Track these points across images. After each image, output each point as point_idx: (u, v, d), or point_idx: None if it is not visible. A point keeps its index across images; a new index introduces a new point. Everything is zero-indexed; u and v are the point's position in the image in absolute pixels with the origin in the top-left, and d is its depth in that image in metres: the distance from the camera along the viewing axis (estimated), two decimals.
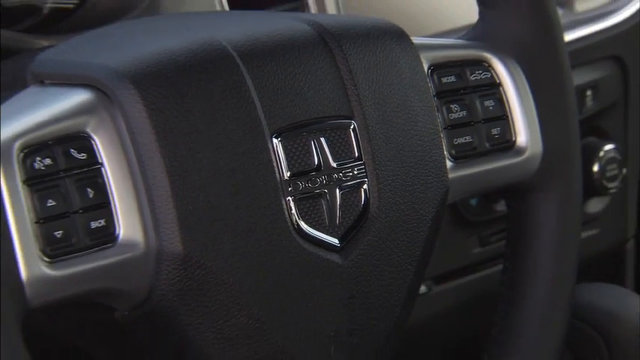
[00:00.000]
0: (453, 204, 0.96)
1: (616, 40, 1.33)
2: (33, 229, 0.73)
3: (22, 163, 0.73)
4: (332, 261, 0.83)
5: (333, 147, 0.84)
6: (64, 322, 0.85)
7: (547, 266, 0.98)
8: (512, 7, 0.96)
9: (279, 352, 0.82)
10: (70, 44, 0.88)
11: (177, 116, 0.78)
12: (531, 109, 0.96)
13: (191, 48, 0.81)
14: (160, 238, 0.77)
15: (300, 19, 0.89)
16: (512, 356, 0.97)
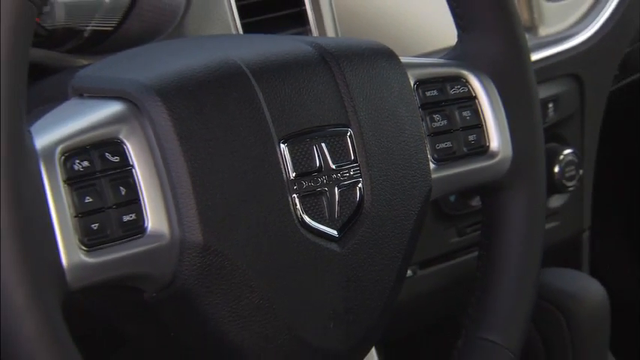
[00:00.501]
0: (435, 200, 0.94)
1: (573, 60, 1.32)
2: (72, 223, 0.72)
3: (63, 165, 0.73)
4: (331, 249, 0.83)
5: (333, 151, 0.83)
6: (100, 303, 0.85)
7: (516, 253, 0.97)
8: (487, 31, 0.96)
9: (285, 327, 0.81)
10: (106, 62, 0.87)
11: (198, 124, 0.77)
12: (503, 118, 0.95)
13: (209, 66, 0.81)
14: (183, 229, 0.76)
15: (304, 42, 0.88)
16: (487, 331, 0.96)
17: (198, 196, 0.77)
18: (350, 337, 0.86)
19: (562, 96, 1.31)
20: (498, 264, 0.97)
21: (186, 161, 0.76)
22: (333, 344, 0.85)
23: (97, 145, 0.75)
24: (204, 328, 0.80)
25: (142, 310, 0.82)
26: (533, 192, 0.98)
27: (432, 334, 1.19)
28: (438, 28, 1.06)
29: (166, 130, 0.76)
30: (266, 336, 0.81)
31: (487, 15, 0.96)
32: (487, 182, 0.97)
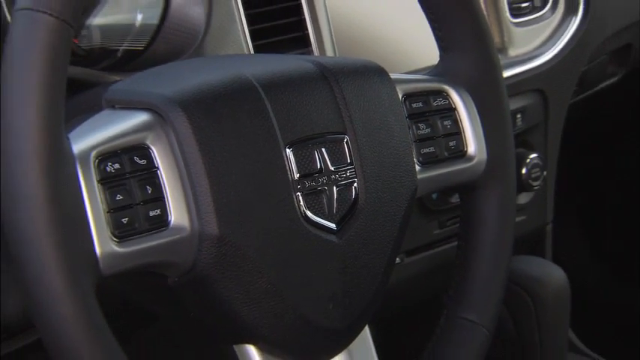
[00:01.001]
0: (420, 197, 0.93)
1: (538, 77, 1.31)
2: (105, 217, 0.72)
3: (97, 167, 0.72)
4: (330, 240, 0.82)
5: (332, 155, 0.83)
6: (130, 287, 0.84)
7: (490, 243, 0.96)
8: (465, 52, 0.95)
9: (291, 308, 0.80)
10: (135, 78, 0.86)
11: (214, 132, 0.76)
12: (478, 127, 0.95)
13: (225, 81, 0.80)
14: (201, 223, 0.75)
15: (307, 60, 0.87)
16: (465, 311, 0.95)
17: (215, 194, 0.76)
18: (347, 316, 0.85)
19: (529, 108, 1.30)
20: (474, 253, 0.96)
21: (204, 164, 0.76)
22: (332, 323, 0.83)
23: (126, 150, 0.74)
24: (220, 308, 0.79)
25: (165, 293, 0.80)
26: (504, 190, 0.97)
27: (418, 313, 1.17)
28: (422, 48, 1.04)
29: (187, 137, 0.76)
30: (274, 315, 0.80)
31: (465, 38, 0.94)
32: (465, 182, 0.96)
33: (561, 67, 1.33)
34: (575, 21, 1.35)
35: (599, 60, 1.44)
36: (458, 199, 1.01)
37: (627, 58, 1.50)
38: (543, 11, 1.34)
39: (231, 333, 0.83)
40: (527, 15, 1.33)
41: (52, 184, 0.69)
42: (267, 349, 0.83)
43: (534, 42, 1.33)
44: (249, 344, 0.83)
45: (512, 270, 0.99)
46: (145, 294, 0.86)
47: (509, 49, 1.30)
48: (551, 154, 1.35)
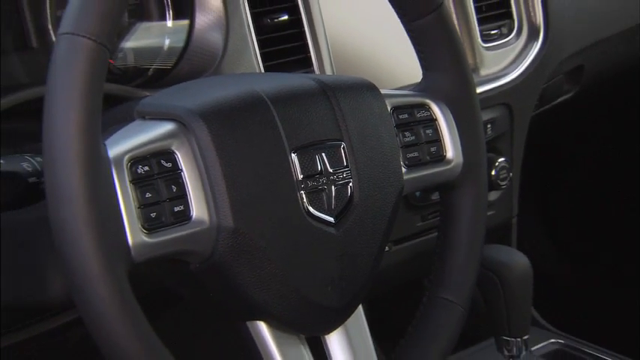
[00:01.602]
0: (405, 195, 0.92)
1: (505, 93, 1.30)
2: (136, 212, 0.71)
3: (129, 170, 0.71)
4: (329, 232, 0.80)
5: (330, 159, 0.81)
6: (158, 272, 0.82)
7: (465, 233, 0.95)
8: (444, 71, 0.93)
9: (295, 290, 0.79)
10: (162, 93, 0.85)
11: (230, 139, 0.76)
12: (456, 135, 0.93)
13: (239, 96, 0.79)
14: (219, 217, 0.74)
15: (309, 78, 0.86)
16: (444, 291, 0.94)
17: (230, 192, 0.74)
18: (344, 297, 0.83)
19: (497, 119, 1.29)
20: (452, 242, 0.95)
21: (221, 166, 0.74)
22: (331, 302, 0.82)
23: (155, 155, 0.73)
24: (234, 290, 0.78)
25: (188, 278, 0.79)
26: (477, 189, 0.95)
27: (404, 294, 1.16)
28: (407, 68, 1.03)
29: (207, 144, 0.74)
30: (281, 296, 0.79)
31: (444, 59, 0.93)
32: (444, 182, 0.94)
33: (524, 84, 1.32)
34: (536, 46, 1.34)
35: (556, 79, 1.42)
36: (438, 196, 0.99)
37: (580, 77, 1.49)
38: (509, 38, 1.33)
39: (244, 311, 0.81)
40: (496, 41, 1.31)
41: (90, 185, 0.68)
42: (275, 324, 0.82)
43: (502, 63, 1.32)
44: (259, 320, 0.81)
45: (484, 257, 0.98)
46: (171, 278, 0.84)
47: (481, 70, 1.29)
48: (516, 159, 1.34)
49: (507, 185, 1.28)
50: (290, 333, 0.83)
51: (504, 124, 1.30)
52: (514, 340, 1.11)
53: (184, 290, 0.86)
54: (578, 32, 1.41)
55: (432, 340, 0.92)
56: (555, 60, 1.37)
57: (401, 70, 1.13)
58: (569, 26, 1.38)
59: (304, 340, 0.84)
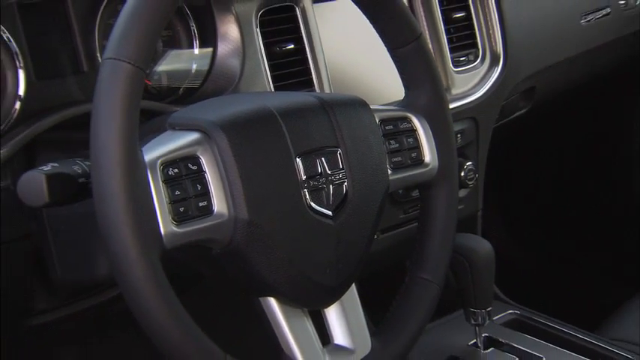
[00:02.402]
0: (391, 192, 0.90)
1: (472, 109, 1.28)
2: (167, 207, 0.70)
3: (162, 172, 0.70)
4: (328, 223, 0.79)
5: (329, 162, 0.80)
6: (186, 257, 0.80)
7: (440, 224, 0.93)
8: (423, 90, 0.92)
9: (300, 271, 0.78)
10: (190, 108, 0.83)
11: (245, 146, 0.74)
12: (432, 143, 0.92)
13: (253, 110, 0.78)
14: (236, 211, 0.73)
15: (311, 95, 0.85)
16: (423, 272, 0.92)
17: (246, 190, 0.73)
18: (339, 277, 0.82)
19: (466, 130, 1.27)
20: (429, 231, 0.93)
21: (238, 169, 0.73)
22: (329, 281, 0.81)
23: (183, 159, 0.72)
24: (249, 272, 0.76)
25: (211, 261, 0.77)
26: (450, 188, 0.94)
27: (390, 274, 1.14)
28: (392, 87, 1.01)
29: (226, 150, 0.73)
30: (288, 277, 0.77)
31: (423, 81, 0.92)
32: (423, 182, 0.92)
33: (487, 102, 1.30)
34: (497, 71, 1.32)
35: (513, 97, 1.41)
36: (417, 193, 0.98)
37: (532, 96, 1.47)
38: (475, 63, 1.31)
39: (256, 289, 0.79)
40: (464, 66, 1.30)
41: (129, 184, 0.67)
42: (283, 300, 0.80)
43: (469, 84, 1.30)
44: (270, 297, 0.79)
45: (455, 243, 0.96)
46: (196, 261, 0.82)
47: (452, 89, 1.27)
48: (481, 162, 1.32)
49: (474, 184, 1.27)
50: (295, 307, 0.81)
51: (471, 134, 1.28)
52: (479, 311, 1.10)
53: (207, 271, 0.84)
54: (531, 60, 1.40)
55: (413, 311, 0.90)
56: (512, 82, 1.36)
57: (387, 89, 1.11)
58: (523, 55, 1.36)
59: (307, 312, 0.82)
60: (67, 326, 0.96)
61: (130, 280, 0.68)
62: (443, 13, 1.26)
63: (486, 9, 1.31)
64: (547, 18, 1.44)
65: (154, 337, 0.70)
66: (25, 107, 0.90)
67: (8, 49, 0.90)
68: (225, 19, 1.05)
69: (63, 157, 0.78)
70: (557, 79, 1.51)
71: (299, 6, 1.10)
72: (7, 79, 0.90)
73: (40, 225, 0.86)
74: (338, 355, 0.83)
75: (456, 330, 1.17)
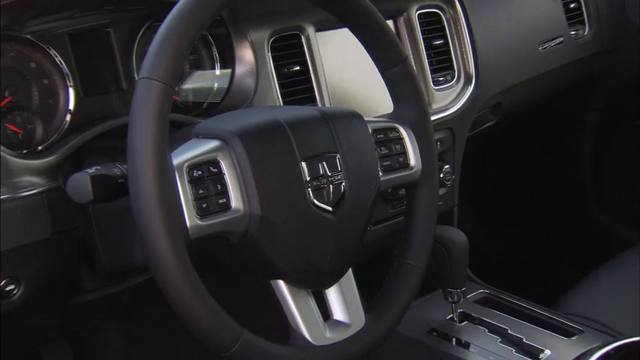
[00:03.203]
0: (382, 191, 0.89)
1: (449, 121, 1.26)
2: (192, 203, 0.68)
3: (187, 174, 0.69)
4: (328, 217, 0.77)
5: (329, 165, 0.78)
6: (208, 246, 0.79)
7: (423, 218, 0.91)
8: (409, 105, 0.90)
9: (304, 259, 0.76)
10: (212, 120, 0.82)
11: (258, 152, 0.73)
12: (417, 149, 0.90)
13: (265, 121, 0.76)
14: (251, 207, 0.72)
15: (314, 109, 0.83)
16: (408, 258, 0.90)
17: (259, 190, 0.72)
18: (338, 262, 0.80)
19: (444, 138, 1.25)
20: (414, 224, 0.91)
21: (252, 171, 0.72)
22: (329, 266, 0.79)
23: (205, 163, 0.71)
24: (261, 259, 0.75)
25: (229, 250, 0.76)
26: (432, 187, 0.92)
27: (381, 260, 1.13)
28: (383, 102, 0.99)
29: (242, 155, 0.72)
30: (294, 263, 0.76)
31: (409, 96, 0.90)
32: (408, 182, 0.90)
33: (462, 115, 1.28)
34: (470, 89, 1.30)
35: (483, 111, 1.38)
36: (404, 192, 0.95)
37: (499, 110, 1.45)
38: (451, 83, 1.29)
39: (268, 273, 0.78)
40: (443, 85, 1.28)
41: (160, 184, 0.66)
42: (290, 282, 0.78)
43: (447, 100, 1.28)
44: (279, 280, 0.78)
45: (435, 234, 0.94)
46: (217, 250, 0.81)
47: (433, 104, 1.25)
48: (457, 166, 1.30)
49: (451, 184, 1.25)
50: (300, 288, 0.79)
51: (449, 142, 1.26)
52: (455, 290, 1.08)
53: (225, 258, 0.83)
54: (498, 80, 1.38)
55: (400, 291, 0.88)
56: (482, 98, 1.34)
57: (378, 103, 1.09)
58: (491, 76, 1.34)
59: (311, 293, 0.80)
60: (109, 303, 0.94)
61: (161, 265, 0.67)
62: (425, 40, 1.24)
63: (461, 37, 1.29)
64: (511, 46, 1.43)
65: (180, 314, 0.69)
66: (74, 119, 0.90)
67: (60, 71, 0.90)
68: (242, 45, 1.03)
69: (105, 161, 0.78)
70: (520, 96, 1.49)
71: (304, 34, 1.09)
72: (59, 96, 0.90)
73: (86, 218, 0.85)
74: (337, 329, 0.81)
75: (435, 307, 1.16)
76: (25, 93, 0.88)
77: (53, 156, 0.83)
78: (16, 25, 0.85)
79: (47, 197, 0.80)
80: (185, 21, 0.70)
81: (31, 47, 0.87)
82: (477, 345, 1.07)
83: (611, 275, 1.31)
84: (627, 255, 1.36)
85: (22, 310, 0.81)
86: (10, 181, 0.78)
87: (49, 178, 0.82)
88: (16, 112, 0.86)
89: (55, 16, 0.89)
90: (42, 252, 0.81)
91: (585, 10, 1.57)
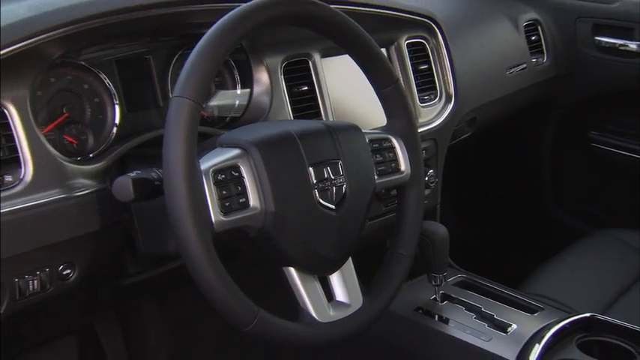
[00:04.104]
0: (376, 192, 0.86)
1: (433, 132, 1.23)
2: (217, 202, 0.67)
3: (213, 177, 0.67)
4: (331, 214, 0.75)
5: (332, 170, 0.76)
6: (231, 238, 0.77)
7: (412, 215, 0.89)
8: (400, 119, 0.88)
9: (311, 249, 0.74)
10: (233, 131, 0.79)
11: (273, 159, 0.71)
12: (406, 157, 0.87)
13: (278, 133, 0.74)
14: (266, 205, 0.70)
15: (320, 122, 0.81)
16: (399, 248, 0.88)
17: (273, 190, 0.70)
18: (340, 252, 0.78)
19: (429, 147, 1.23)
20: (403, 220, 0.89)
21: (268, 175, 0.70)
22: (332, 256, 0.77)
23: (228, 168, 0.69)
24: (275, 249, 0.73)
25: (247, 242, 0.74)
26: (419, 188, 0.89)
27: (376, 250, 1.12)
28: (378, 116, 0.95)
29: (259, 162, 0.70)
30: (303, 253, 0.74)
31: (399, 112, 0.88)
32: (399, 184, 0.88)
33: (443, 128, 1.25)
34: (450, 106, 1.27)
35: (461, 124, 1.36)
36: (395, 192, 0.92)
37: (474, 124, 1.43)
38: (434, 101, 1.26)
39: (281, 262, 0.76)
40: (427, 102, 1.25)
41: (190, 186, 0.64)
42: (299, 269, 0.76)
43: (430, 116, 1.25)
44: (290, 267, 0.76)
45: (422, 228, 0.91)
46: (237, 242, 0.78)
47: (419, 119, 1.23)
48: (439, 170, 1.27)
49: (434, 186, 1.23)
50: (308, 274, 0.77)
51: (433, 150, 1.24)
52: (438, 275, 1.06)
53: (245, 249, 0.81)
54: (472, 99, 1.36)
55: (391, 277, 0.86)
56: (460, 114, 1.31)
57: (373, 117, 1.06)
58: (467, 95, 1.32)
59: (317, 278, 0.79)
60: (148, 285, 0.93)
61: (191, 254, 0.65)
62: (412, 65, 1.22)
63: (442, 63, 1.27)
64: (484, 70, 1.41)
65: (206, 294, 0.67)
66: (119, 131, 0.89)
67: (108, 91, 0.89)
68: (259, 69, 1.02)
69: (144, 166, 0.76)
70: (491, 112, 1.48)
71: (311, 60, 1.07)
72: (107, 112, 0.88)
73: (129, 214, 0.83)
74: (339, 308, 0.80)
75: (421, 289, 1.14)
76: (80, 110, 0.87)
77: (102, 162, 0.82)
78: (72, 53, 0.84)
79: (97, 196, 0.79)
80: (211, 49, 0.69)
81: (85, 72, 0.87)
82: (456, 320, 1.06)
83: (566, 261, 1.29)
84: (579, 244, 1.35)
85: (77, 289, 0.80)
86: (67, 183, 0.77)
87: (98, 180, 0.81)
88: (72, 126, 0.86)
89: (104, 46, 0.88)
90: (93, 242, 0.79)
91: (544, 42, 1.56)
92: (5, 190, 0.71)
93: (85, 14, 0.76)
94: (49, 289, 0.75)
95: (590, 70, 1.53)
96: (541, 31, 1.55)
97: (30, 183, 0.73)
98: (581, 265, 1.28)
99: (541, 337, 0.96)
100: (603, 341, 0.95)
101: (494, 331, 1.02)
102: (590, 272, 1.26)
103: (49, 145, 0.76)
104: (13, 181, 0.72)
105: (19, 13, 0.73)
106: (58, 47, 0.77)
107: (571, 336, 0.96)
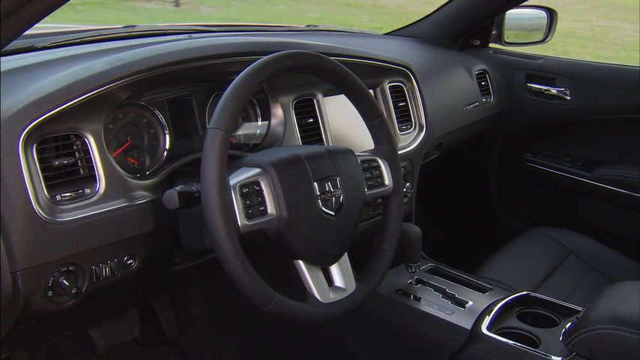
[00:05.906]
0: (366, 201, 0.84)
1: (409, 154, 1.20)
2: (242, 210, 0.65)
3: (239, 190, 0.65)
4: (331, 219, 0.73)
5: (332, 184, 0.74)
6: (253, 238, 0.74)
7: (394, 218, 0.86)
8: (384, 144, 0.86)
9: (316, 246, 0.71)
10: (255, 155, 0.77)
11: (285, 176, 0.68)
12: (390, 174, 0.85)
13: (290, 155, 0.72)
14: (280, 212, 0.67)
15: (322, 147, 0.78)
16: (384, 244, 0.85)
17: (286, 201, 0.68)
18: (338, 248, 0.76)
19: (406, 166, 1.20)
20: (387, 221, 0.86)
21: (282, 189, 0.68)
22: (333, 251, 0.75)
23: (251, 183, 0.67)
24: (288, 246, 0.71)
25: (266, 241, 0.71)
26: (399, 198, 0.87)
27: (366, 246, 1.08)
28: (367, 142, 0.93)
29: (275, 179, 0.68)
30: (309, 249, 0.72)
31: (384, 138, 0.86)
32: (384, 195, 0.86)
33: (417, 151, 1.22)
34: (422, 135, 1.24)
35: (430, 148, 1.33)
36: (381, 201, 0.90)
37: (440, 147, 1.40)
38: (410, 130, 1.24)
39: (292, 256, 0.73)
40: (405, 131, 1.22)
41: (221, 197, 0.62)
42: (306, 261, 0.74)
43: (407, 141, 1.22)
44: (299, 260, 0.73)
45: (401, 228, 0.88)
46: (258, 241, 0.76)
47: (399, 144, 1.20)
48: (414, 183, 1.25)
49: (410, 195, 1.20)
50: (313, 265, 0.75)
51: (409, 168, 1.22)
52: (413, 264, 1.04)
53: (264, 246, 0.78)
54: (439, 128, 1.34)
55: (378, 267, 0.84)
56: (430, 140, 1.29)
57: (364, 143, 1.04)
58: (435, 126, 1.29)
59: (320, 268, 0.76)
60: (191, 272, 0.91)
61: (222, 250, 0.64)
62: (393, 103, 1.20)
63: (416, 101, 1.25)
64: (447, 106, 1.40)
65: (234, 280, 0.66)
66: (169, 154, 0.88)
67: (161, 124, 0.88)
68: (275, 105, 1.00)
69: (187, 181, 0.75)
70: (453, 138, 1.46)
71: (315, 98, 1.05)
72: (160, 140, 0.88)
73: (175, 218, 0.82)
74: (337, 292, 0.78)
75: (400, 275, 1.11)
76: (140, 138, 0.86)
77: (155, 178, 0.81)
78: (135, 96, 0.84)
79: (151, 205, 0.78)
80: (238, 91, 0.68)
81: (144, 109, 0.87)
82: (426, 299, 1.04)
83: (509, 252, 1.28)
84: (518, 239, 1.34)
85: (137, 275, 0.78)
86: (130, 194, 0.77)
87: (152, 192, 0.80)
88: (134, 150, 0.86)
89: (159, 90, 0.88)
90: (149, 239, 0.78)
91: (491, 87, 1.59)
92: (85, 199, 0.72)
93: (145, 67, 0.77)
94: (117, 274, 0.75)
95: (525, 108, 1.58)
96: (488, 78, 1.59)
97: (103, 194, 0.73)
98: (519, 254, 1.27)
99: (490, 310, 0.97)
100: (535, 312, 0.96)
101: (455, 306, 1.01)
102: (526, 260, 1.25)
103: (117, 166, 0.77)
104: (90, 193, 0.73)
105: (95, 68, 0.75)
106: (124, 92, 0.78)
107: (512, 309, 0.98)
